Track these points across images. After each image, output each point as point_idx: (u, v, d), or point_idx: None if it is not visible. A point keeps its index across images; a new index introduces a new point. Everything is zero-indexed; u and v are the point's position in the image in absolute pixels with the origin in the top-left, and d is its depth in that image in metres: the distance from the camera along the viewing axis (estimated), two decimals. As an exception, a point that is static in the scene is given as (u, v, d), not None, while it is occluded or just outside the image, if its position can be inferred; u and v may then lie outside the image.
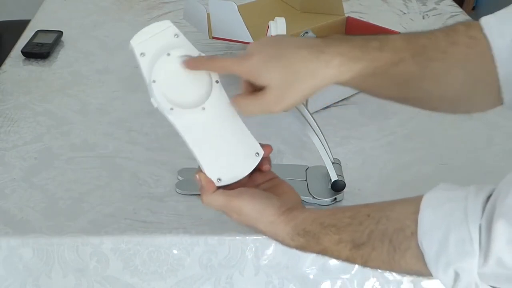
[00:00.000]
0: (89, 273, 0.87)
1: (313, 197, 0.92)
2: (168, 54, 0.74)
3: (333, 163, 0.92)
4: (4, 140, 1.08)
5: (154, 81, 0.73)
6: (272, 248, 0.87)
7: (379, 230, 0.68)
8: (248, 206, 0.74)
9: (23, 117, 1.15)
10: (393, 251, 0.66)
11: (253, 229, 0.76)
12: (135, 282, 0.87)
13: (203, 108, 0.74)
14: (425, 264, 0.64)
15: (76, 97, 1.23)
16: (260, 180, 0.79)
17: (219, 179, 0.75)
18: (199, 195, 0.93)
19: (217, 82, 0.75)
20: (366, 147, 1.08)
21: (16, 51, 1.39)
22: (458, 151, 1.07)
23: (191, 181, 0.97)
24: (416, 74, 0.73)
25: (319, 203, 0.92)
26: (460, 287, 0.62)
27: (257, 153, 0.76)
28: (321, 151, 0.89)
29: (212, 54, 1.38)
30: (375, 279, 0.89)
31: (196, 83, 0.74)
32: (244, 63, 0.71)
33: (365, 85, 0.75)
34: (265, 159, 0.78)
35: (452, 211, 0.63)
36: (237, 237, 0.87)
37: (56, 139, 1.09)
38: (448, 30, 0.73)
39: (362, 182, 0.98)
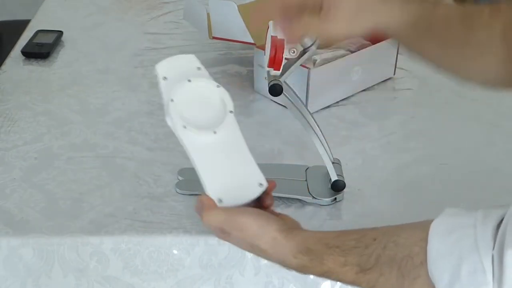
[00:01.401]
0: (89, 273, 0.87)
1: (313, 197, 0.92)
2: (189, 80, 0.78)
3: (333, 163, 0.92)
4: (4, 140, 1.08)
5: (172, 100, 0.76)
6: (272, 248, 0.87)
7: (386, 256, 0.67)
8: (251, 221, 0.74)
9: (23, 117, 1.15)
10: (402, 278, 0.66)
11: (253, 249, 0.75)
12: (135, 282, 0.87)
13: (215, 132, 0.77)
14: None
15: (76, 97, 1.23)
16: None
17: (220, 200, 0.75)
18: (200, 195, 0.93)
19: (231, 112, 0.78)
20: (366, 147, 1.08)
21: (16, 51, 1.39)
22: (458, 151, 1.07)
23: (191, 181, 0.97)
24: (463, 38, 0.75)
25: (319, 203, 0.92)
26: None
27: (261, 184, 0.77)
28: (321, 151, 0.89)
29: (212, 54, 1.38)
30: (375, 279, 0.89)
31: (211, 109, 0.78)
32: None
33: (417, 35, 0.77)
34: (267, 196, 0.78)
35: (462, 240, 0.62)
36: (237, 237, 0.87)
37: (56, 139, 1.09)
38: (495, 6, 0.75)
39: (362, 182, 0.98)
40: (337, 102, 1.20)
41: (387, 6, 0.78)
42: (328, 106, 1.19)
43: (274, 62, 0.81)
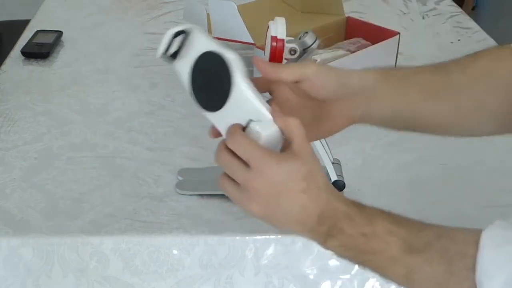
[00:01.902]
0: (89, 273, 0.87)
1: None
2: None
3: (333, 163, 0.92)
4: (4, 140, 1.08)
5: None
6: (272, 248, 0.87)
7: (440, 246, 0.63)
8: (316, 162, 0.66)
9: (23, 117, 1.15)
10: (450, 274, 0.62)
11: (301, 181, 0.64)
12: (135, 282, 0.87)
13: None
14: None
15: (76, 97, 1.23)
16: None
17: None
18: (199, 195, 0.94)
19: None
20: (366, 147, 1.08)
21: (16, 51, 1.39)
22: (458, 151, 1.07)
23: (191, 181, 0.97)
24: (441, 84, 0.74)
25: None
26: None
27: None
28: (321, 151, 0.89)
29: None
30: (375, 279, 0.89)
31: None
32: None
33: (392, 97, 0.75)
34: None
35: None
36: (237, 237, 0.87)
37: (56, 139, 1.09)
38: (472, 53, 0.76)
39: (362, 182, 0.98)
40: (337, 102, 1.20)
41: (354, 74, 0.75)
42: (328, 106, 1.19)
43: (274, 62, 0.81)
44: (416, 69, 0.77)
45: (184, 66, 0.69)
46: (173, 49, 0.68)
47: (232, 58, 0.67)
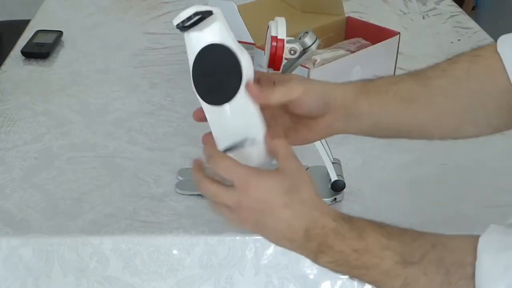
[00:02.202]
0: (89, 273, 0.87)
1: None
2: None
3: (333, 163, 0.92)
4: (4, 140, 1.08)
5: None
6: (272, 248, 0.87)
7: (435, 255, 0.62)
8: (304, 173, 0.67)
9: (23, 117, 1.15)
10: (448, 285, 0.61)
11: (290, 198, 0.65)
12: (135, 282, 0.87)
13: None
14: None
15: (76, 97, 1.23)
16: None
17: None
18: (199, 195, 0.93)
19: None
20: (366, 147, 1.08)
21: (16, 51, 1.39)
22: (458, 151, 1.07)
23: (191, 181, 0.97)
24: (420, 92, 0.74)
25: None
26: None
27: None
28: (321, 151, 0.89)
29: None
30: (375, 279, 0.89)
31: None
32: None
33: (371, 107, 0.75)
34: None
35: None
36: (237, 237, 0.87)
37: (56, 139, 1.09)
38: (452, 57, 0.76)
39: (362, 182, 0.98)
40: (337, 102, 1.20)
41: (336, 88, 0.76)
42: (328, 106, 1.19)
43: (274, 62, 0.81)
44: (396, 78, 0.78)
45: (195, 43, 0.67)
46: (190, 22, 0.66)
47: (245, 65, 0.66)
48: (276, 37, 0.81)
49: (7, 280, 0.87)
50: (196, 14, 0.65)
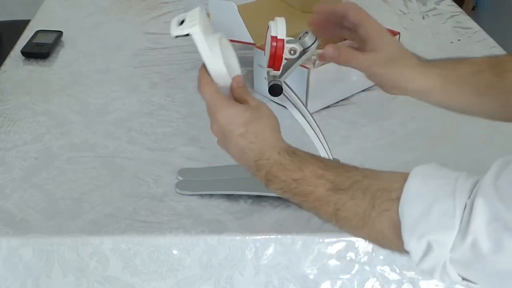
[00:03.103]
0: (89, 273, 0.87)
1: None
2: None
3: (333, 163, 0.92)
4: (4, 140, 1.08)
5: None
6: (272, 248, 0.87)
7: (364, 183, 0.68)
8: (269, 108, 0.77)
9: (23, 117, 1.15)
10: (372, 207, 0.66)
11: (240, 126, 0.74)
12: (135, 282, 0.88)
13: None
14: (398, 231, 0.63)
15: (76, 97, 1.23)
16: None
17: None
18: (199, 195, 0.94)
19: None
20: (366, 147, 1.08)
21: (16, 51, 1.39)
22: (458, 151, 1.07)
23: (191, 181, 0.97)
24: (495, 84, 0.79)
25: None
26: (429, 262, 0.62)
27: None
28: (321, 151, 0.89)
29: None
30: (375, 279, 0.89)
31: None
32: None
33: (448, 95, 0.81)
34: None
35: (441, 186, 0.63)
36: (237, 237, 0.87)
37: (56, 139, 1.09)
38: None
39: (362, 182, 0.98)
40: (337, 102, 1.20)
41: (418, 68, 0.82)
42: (328, 106, 1.19)
43: (274, 62, 0.81)
44: (476, 67, 0.82)
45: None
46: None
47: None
48: (276, 37, 0.81)
49: (7, 280, 0.87)
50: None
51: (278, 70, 0.82)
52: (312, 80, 1.12)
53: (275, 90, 0.82)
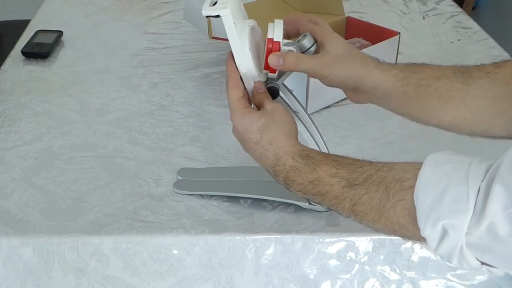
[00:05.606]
0: (89, 273, 0.87)
1: (310, 202, 0.90)
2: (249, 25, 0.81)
3: (333, 163, 0.91)
4: (4, 140, 1.08)
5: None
6: (272, 248, 0.87)
7: (377, 176, 0.68)
8: (284, 112, 0.79)
9: (23, 117, 1.15)
10: (386, 198, 0.66)
11: (256, 134, 0.76)
12: (135, 282, 0.88)
13: None
14: (413, 219, 0.63)
15: (76, 97, 1.23)
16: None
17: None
18: (198, 195, 0.94)
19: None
20: (366, 147, 1.08)
21: (16, 51, 1.39)
22: (458, 151, 1.07)
23: (189, 181, 0.97)
24: (459, 89, 0.77)
25: (315, 209, 0.91)
26: (446, 246, 0.62)
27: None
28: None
29: (212, 54, 1.39)
30: (375, 279, 0.89)
31: None
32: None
33: (408, 99, 0.79)
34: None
35: (454, 171, 0.63)
36: (237, 237, 0.87)
37: (56, 139, 1.09)
38: (499, 61, 0.79)
39: (362, 182, 0.98)
40: (337, 102, 1.20)
41: (375, 67, 0.81)
42: (328, 106, 1.19)
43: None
44: (440, 72, 0.79)
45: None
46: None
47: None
48: (272, 39, 0.80)
49: (7, 280, 0.87)
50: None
51: (274, 72, 0.82)
52: (312, 80, 1.12)
53: (271, 92, 0.82)
